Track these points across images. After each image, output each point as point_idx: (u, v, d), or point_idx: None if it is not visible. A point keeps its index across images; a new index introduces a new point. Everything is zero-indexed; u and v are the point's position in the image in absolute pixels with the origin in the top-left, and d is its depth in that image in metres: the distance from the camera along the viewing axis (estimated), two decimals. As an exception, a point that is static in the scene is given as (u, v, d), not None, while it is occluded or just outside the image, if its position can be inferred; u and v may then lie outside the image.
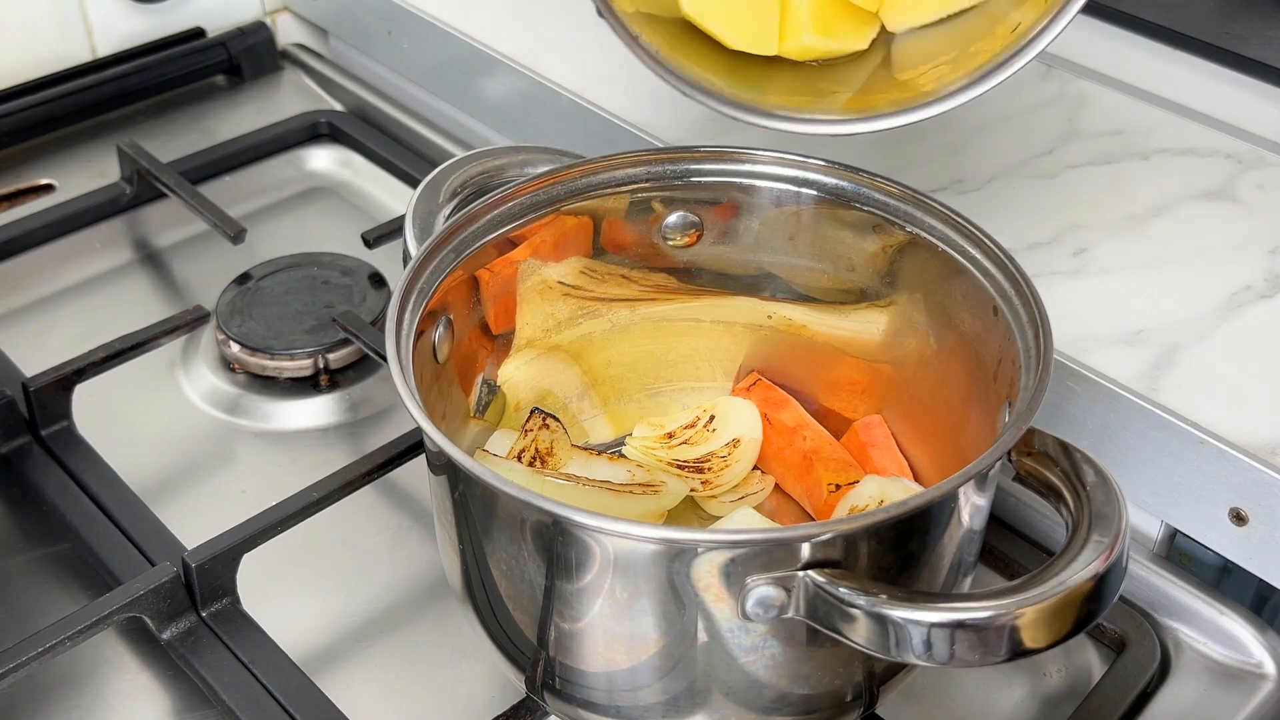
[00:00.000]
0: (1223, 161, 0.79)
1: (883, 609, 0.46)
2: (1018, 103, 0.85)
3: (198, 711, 0.62)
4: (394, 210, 0.93)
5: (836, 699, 0.54)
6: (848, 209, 0.64)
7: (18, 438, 0.74)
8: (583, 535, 0.49)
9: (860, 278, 0.65)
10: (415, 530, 0.71)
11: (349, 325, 0.78)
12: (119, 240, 0.92)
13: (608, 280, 0.68)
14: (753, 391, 0.70)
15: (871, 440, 0.67)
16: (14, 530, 0.71)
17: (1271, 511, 0.61)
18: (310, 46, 1.11)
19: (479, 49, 0.92)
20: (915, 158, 0.80)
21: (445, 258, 0.60)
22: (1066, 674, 0.65)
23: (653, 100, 0.85)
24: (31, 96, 0.98)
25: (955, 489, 0.50)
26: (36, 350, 0.81)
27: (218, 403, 0.79)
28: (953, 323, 0.61)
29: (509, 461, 0.64)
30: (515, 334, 0.67)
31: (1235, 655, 0.64)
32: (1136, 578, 0.67)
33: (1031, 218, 0.75)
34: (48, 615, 0.64)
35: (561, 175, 0.64)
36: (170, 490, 0.74)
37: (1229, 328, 0.68)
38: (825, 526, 0.48)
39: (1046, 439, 0.52)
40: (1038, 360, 0.54)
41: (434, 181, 0.68)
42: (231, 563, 0.65)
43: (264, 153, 0.98)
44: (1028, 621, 0.45)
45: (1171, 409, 0.63)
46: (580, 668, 0.54)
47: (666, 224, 0.67)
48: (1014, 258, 0.58)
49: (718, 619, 0.50)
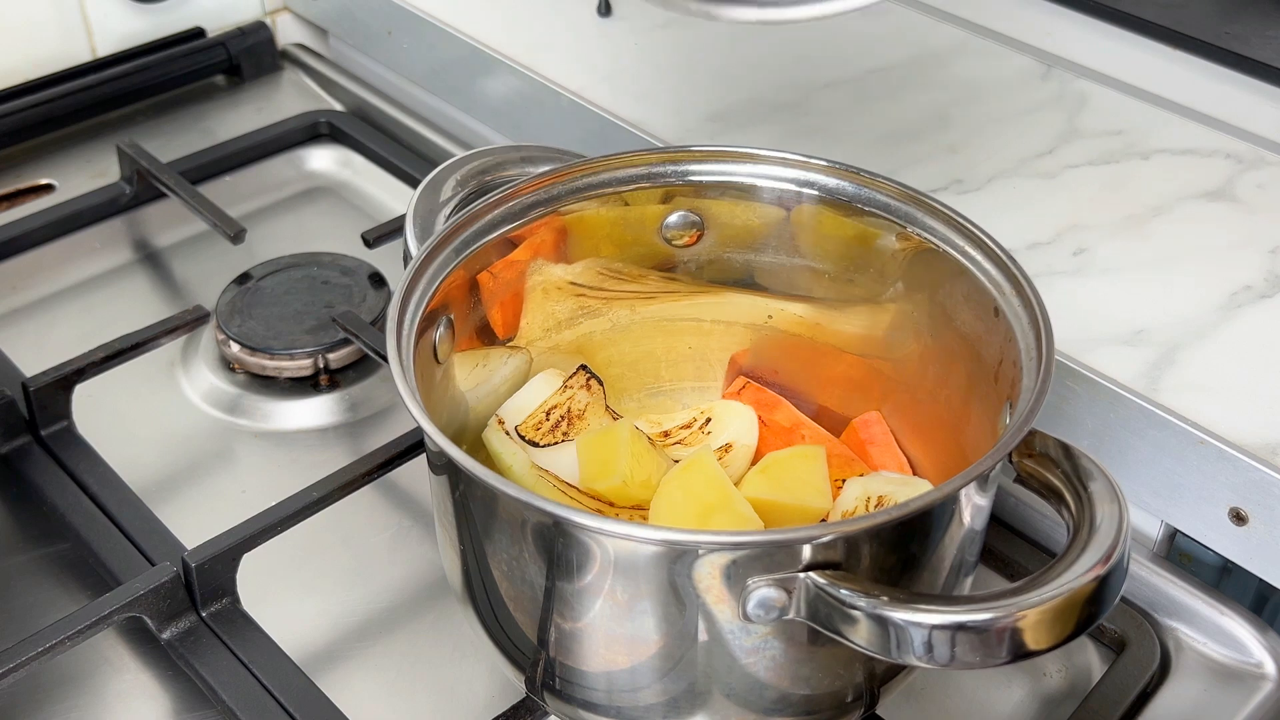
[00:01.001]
0: (1223, 161, 0.79)
1: (884, 611, 0.46)
2: (1018, 103, 0.85)
3: (198, 711, 0.62)
4: (394, 210, 0.93)
5: (837, 699, 0.54)
6: (848, 209, 0.64)
7: (18, 438, 0.74)
8: (583, 536, 0.49)
9: (861, 278, 0.65)
10: (415, 530, 0.71)
11: (349, 325, 0.78)
12: (119, 240, 0.92)
13: (608, 280, 0.68)
14: (742, 395, 0.70)
15: (870, 437, 0.67)
16: (14, 530, 0.71)
17: (1271, 511, 0.61)
18: (310, 46, 1.11)
19: (479, 49, 0.92)
20: (915, 158, 0.80)
21: (445, 258, 0.60)
22: (1066, 674, 0.65)
23: (653, 100, 0.85)
24: (31, 96, 0.98)
25: (956, 491, 0.49)
26: (36, 350, 0.81)
27: (218, 403, 0.79)
28: (953, 323, 0.61)
29: (513, 445, 0.64)
30: (516, 333, 0.67)
31: (1235, 655, 0.64)
32: (1136, 578, 0.67)
33: (1031, 218, 0.75)
34: (48, 615, 0.64)
35: (561, 175, 0.64)
36: (170, 490, 0.74)
37: (1229, 328, 0.68)
38: (826, 528, 0.48)
39: (1047, 440, 0.52)
40: (1039, 362, 0.54)
41: (434, 181, 0.68)
42: (231, 563, 0.65)
43: (264, 153, 0.98)
44: (1029, 623, 0.45)
45: (1171, 409, 0.63)
46: (580, 668, 0.54)
47: (667, 224, 0.67)
48: (1015, 258, 0.58)
49: (719, 620, 0.50)
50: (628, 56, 0.90)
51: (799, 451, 0.65)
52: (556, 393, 0.66)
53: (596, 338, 0.70)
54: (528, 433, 0.65)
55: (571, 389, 0.66)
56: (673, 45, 0.91)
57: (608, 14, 0.94)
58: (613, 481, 0.62)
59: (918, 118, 0.83)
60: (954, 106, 0.84)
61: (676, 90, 0.86)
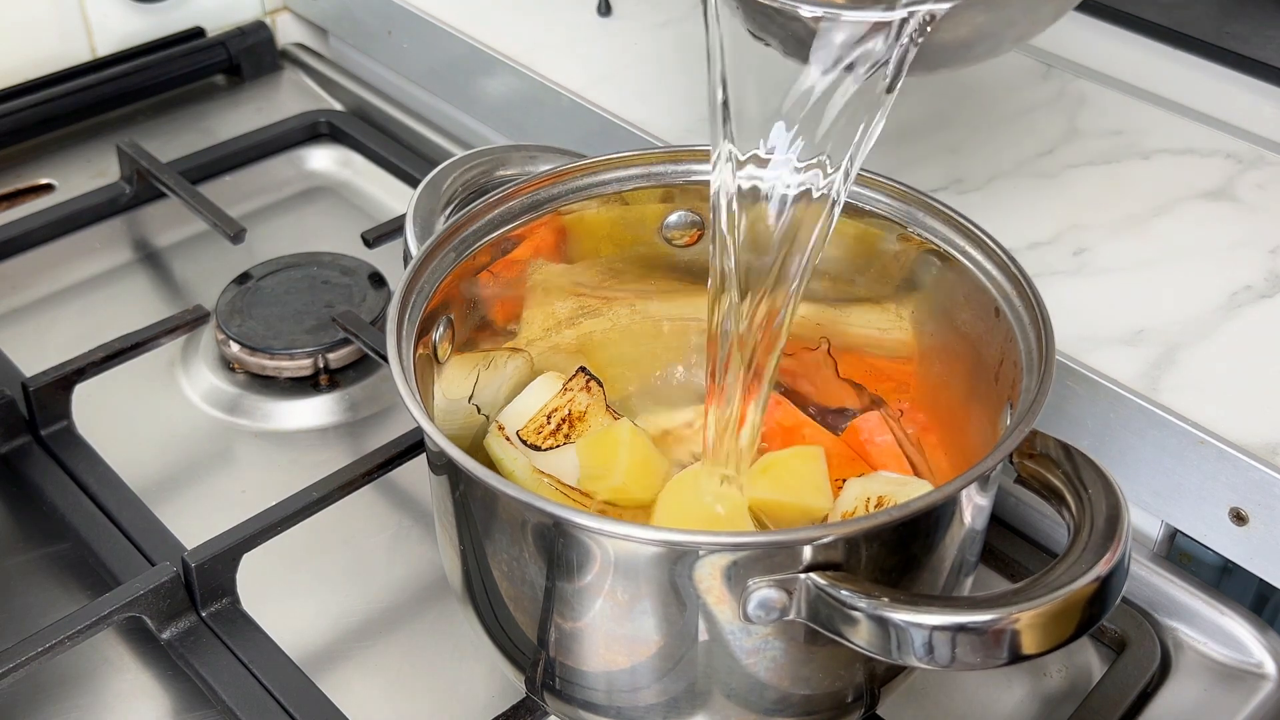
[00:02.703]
0: (1223, 161, 0.79)
1: (884, 611, 0.46)
2: (1018, 103, 0.85)
3: (198, 711, 0.62)
4: (394, 210, 0.93)
5: (837, 700, 0.54)
6: (849, 209, 0.63)
7: (18, 438, 0.74)
8: (584, 537, 0.49)
9: (861, 278, 0.65)
10: (415, 530, 0.71)
11: (349, 325, 0.78)
12: (119, 240, 0.92)
13: (609, 279, 0.68)
14: None
15: (870, 437, 0.67)
16: (14, 530, 0.70)
17: (1271, 511, 0.61)
18: (310, 46, 1.11)
19: (479, 49, 0.92)
20: (915, 158, 0.80)
21: (445, 258, 0.60)
22: (1066, 674, 0.65)
23: (653, 100, 0.85)
24: (31, 96, 0.98)
25: (957, 491, 0.50)
26: (36, 350, 0.81)
27: (218, 403, 0.79)
28: (954, 323, 0.61)
29: (515, 450, 0.64)
30: (516, 333, 0.67)
31: (1235, 655, 0.64)
32: (1136, 578, 0.67)
33: (1031, 218, 0.75)
34: (48, 615, 0.64)
35: (561, 175, 0.64)
36: (170, 490, 0.74)
37: (1229, 328, 0.68)
38: (827, 529, 0.48)
39: (1048, 441, 0.52)
40: (1040, 362, 0.54)
41: (434, 181, 0.68)
42: (231, 563, 0.65)
43: (264, 152, 0.98)
44: (1030, 625, 0.45)
45: (1171, 409, 0.63)
46: (581, 668, 0.54)
47: (667, 224, 0.67)
48: (1015, 258, 0.58)
49: (719, 621, 0.50)
50: (628, 56, 0.90)
51: (799, 452, 0.65)
52: (556, 396, 0.66)
53: (596, 337, 0.70)
54: (529, 437, 0.65)
55: (571, 391, 0.66)
56: (673, 45, 0.91)
57: (608, 14, 0.94)
58: (613, 482, 0.62)
59: (918, 118, 0.83)
60: (954, 106, 0.84)
61: (676, 90, 0.86)
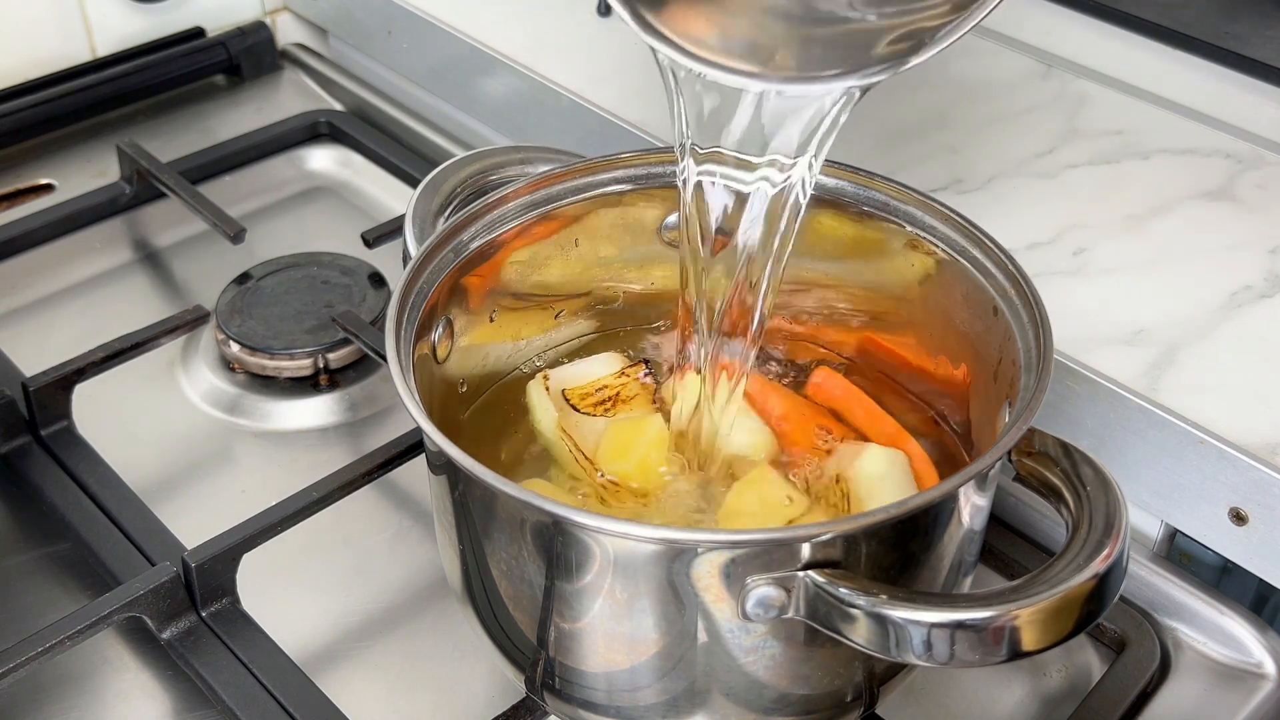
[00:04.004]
0: (1223, 161, 0.79)
1: (883, 609, 0.46)
2: (1018, 103, 0.85)
3: (198, 711, 0.62)
4: (394, 210, 0.93)
5: (837, 699, 0.54)
6: (848, 209, 0.64)
7: (18, 438, 0.74)
8: (582, 535, 0.49)
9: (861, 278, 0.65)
10: (415, 530, 0.71)
11: (349, 325, 0.78)
12: (119, 240, 0.92)
13: (609, 279, 0.68)
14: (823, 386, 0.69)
15: (831, 395, 0.66)
16: (14, 530, 0.71)
17: (1271, 511, 0.61)
18: (310, 46, 1.11)
19: (479, 49, 0.92)
20: (915, 158, 0.80)
21: (445, 258, 0.60)
22: (1066, 674, 0.65)
23: (652, 100, 0.85)
24: (31, 96, 0.98)
25: (956, 489, 0.50)
26: (36, 350, 0.81)
27: (218, 402, 0.79)
28: (953, 322, 0.61)
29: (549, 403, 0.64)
30: (517, 333, 0.67)
31: (1235, 655, 0.64)
32: (1136, 578, 0.67)
33: (1031, 218, 0.75)
34: (48, 615, 0.64)
35: (561, 175, 0.64)
36: (170, 490, 0.74)
37: (1229, 328, 0.68)
38: (825, 527, 0.48)
39: (1047, 439, 0.52)
40: (1038, 360, 0.54)
41: (434, 181, 0.68)
42: (231, 563, 0.65)
43: (264, 152, 0.98)
44: (1028, 622, 0.45)
45: (1171, 409, 0.63)
46: (580, 668, 0.54)
47: (667, 224, 0.67)
48: (1014, 258, 0.58)
49: (718, 619, 0.50)
50: (628, 56, 0.90)
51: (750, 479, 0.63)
52: (613, 375, 0.66)
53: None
54: (572, 397, 0.65)
55: (627, 377, 0.66)
56: (673, 45, 0.91)
57: (608, 14, 0.94)
58: (623, 466, 0.62)
59: (918, 118, 0.83)
60: (954, 106, 0.84)
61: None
